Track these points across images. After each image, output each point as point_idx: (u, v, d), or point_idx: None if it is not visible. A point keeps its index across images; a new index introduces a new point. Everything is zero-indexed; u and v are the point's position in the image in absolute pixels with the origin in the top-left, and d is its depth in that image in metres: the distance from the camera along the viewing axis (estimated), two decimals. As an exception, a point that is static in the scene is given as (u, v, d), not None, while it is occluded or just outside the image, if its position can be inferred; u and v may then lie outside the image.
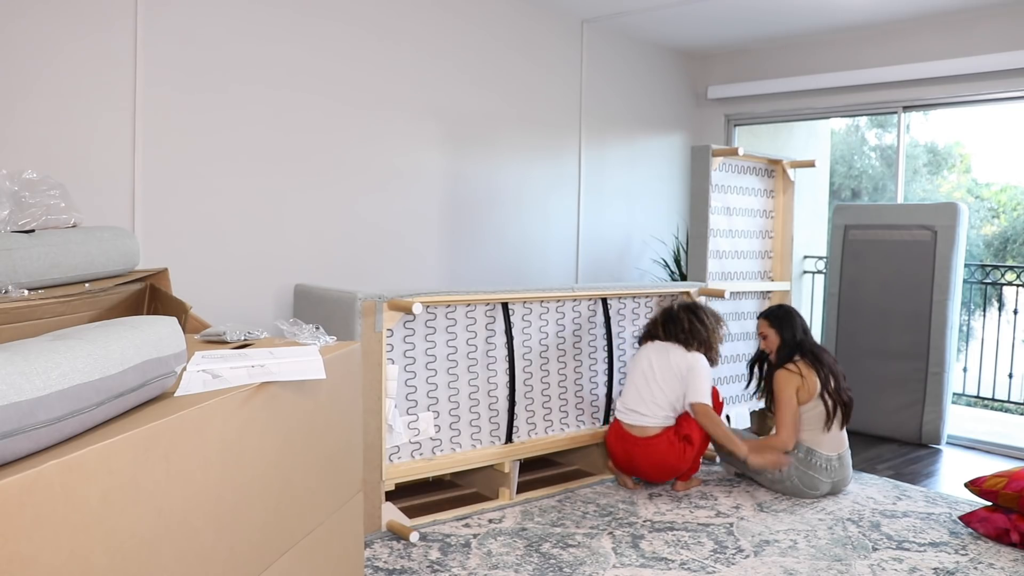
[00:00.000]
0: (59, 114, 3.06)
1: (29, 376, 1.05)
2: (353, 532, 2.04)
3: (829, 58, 5.26)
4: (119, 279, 2.13)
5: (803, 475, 3.43)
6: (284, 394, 1.62)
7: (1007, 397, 5.36)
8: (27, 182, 2.05)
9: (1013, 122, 8.44)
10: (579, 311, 3.71)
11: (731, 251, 4.40)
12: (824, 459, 3.45)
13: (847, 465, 3.54)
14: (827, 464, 3.45)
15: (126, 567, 1.16)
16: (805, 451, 3.45)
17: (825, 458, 3.45)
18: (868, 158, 9.64)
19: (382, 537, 2.95)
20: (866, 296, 4.79)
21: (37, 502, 1.00)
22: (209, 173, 3.48)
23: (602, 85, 5.25)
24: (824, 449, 3.46)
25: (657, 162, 5.71)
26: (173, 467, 1.27)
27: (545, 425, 3.58)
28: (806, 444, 3.46)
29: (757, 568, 2.74)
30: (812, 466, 3.43)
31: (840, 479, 3.50)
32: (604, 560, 2.77)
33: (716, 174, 4.23)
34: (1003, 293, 5.74)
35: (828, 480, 3.46)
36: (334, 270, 3.91)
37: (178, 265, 2.86)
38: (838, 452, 3.49)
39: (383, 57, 4.06)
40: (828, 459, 3.46)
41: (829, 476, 3.46)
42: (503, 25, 4.62)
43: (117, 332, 1.32)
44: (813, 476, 3.43)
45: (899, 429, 4.59)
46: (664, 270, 5.59)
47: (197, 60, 3.40)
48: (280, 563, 1.62)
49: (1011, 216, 8.92)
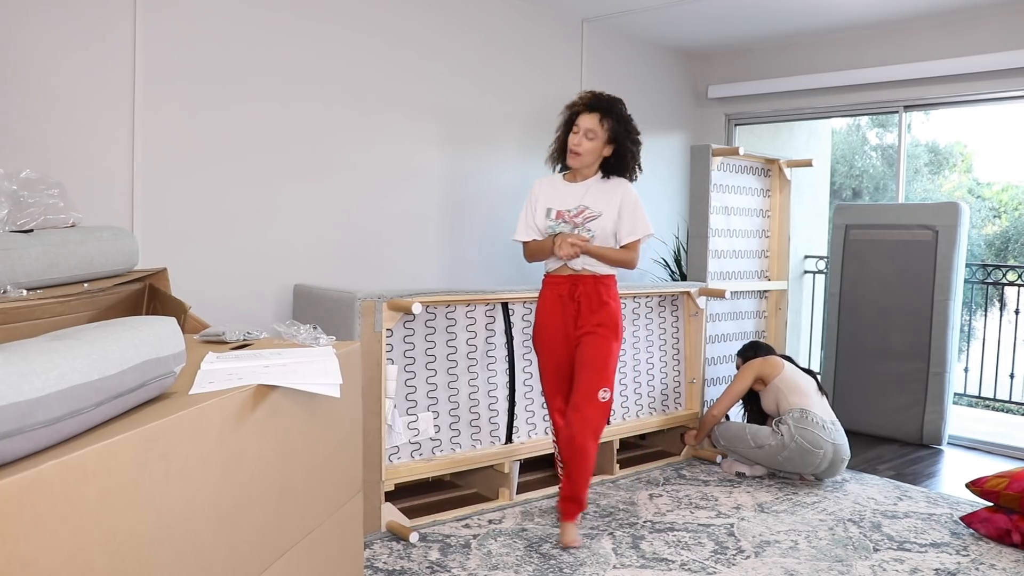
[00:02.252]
0: (58, 114, 3.06)
1: (28, 376, 1.05)
2: (353, 532, 2.04)
3: (829, 58, 5.25)
4: (118, 279, 2.13)
5: (803, 432, 3.51)
6: (283, 394, 1.62)
7: (1008, 397, 5.35)
8: (26, 181, 2.04)
9: (1014, 122, 8.44)
10: (579, 311, 3.70)
11: (729, 251, 4.40)
12: (819, 418, 3.56)
13: (841, 432, 3.65)
14: (823, 424, 3.55)
15: (125, 567, 1.15)
16: (799, 411, 3.57)
17: (820, 418, 3.56)
18: (869, 158, 9.64)
19: (382, 537, 2.94)
20: (867, 296, 4.79)
21: (36, 502, 0.99)
22: (208, 173, 3.48)
23: (602, 85, 5.21)
24: (815, 410, 3.59)
25: (657, 162, 5.70)
26: (172, 467, 1.26)
27: (545, 425, 3.58)
28: (798, 405, 3.60)
29: (758, 569, 2.73)
30: (809, 423, 3.53)
31: (840, 444, 3.59)
32: (604, 561, 2.77)
33: (715, 174, 4.23)
34: (1004, 293, 5.73)
35: (829, 440, 3.54)
36: (333, 270, 3.90)
37: (177, 265, 2.86)
38: (830, 418, 3.63)
39: (383, 58, 4.06)
40: (823, 420, 3.57)
41: (828, 436, 3.54)
42: (503, 25, 4.61)
43: (116, 332, 1.32)
44: (814, 432, 3.51)
45: (900, 429, 4.59)
46: (664, 270, 5.59)
47: (196, 61, 3.40)
48: (280, 563, 1.61)
49: (1012, 216, 8.91)
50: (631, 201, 3.00)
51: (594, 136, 2.92)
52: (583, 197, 2.99)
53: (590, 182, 3.02)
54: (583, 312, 2.99)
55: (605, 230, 2.95)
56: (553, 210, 3.00)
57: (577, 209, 2.97)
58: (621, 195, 2.99)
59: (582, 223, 2.96)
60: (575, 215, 2.96)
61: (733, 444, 3.73)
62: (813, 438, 3.49)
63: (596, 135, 2.92)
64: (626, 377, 3.91)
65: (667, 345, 4.11)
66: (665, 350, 4.10)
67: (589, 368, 2.93)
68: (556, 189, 3.05)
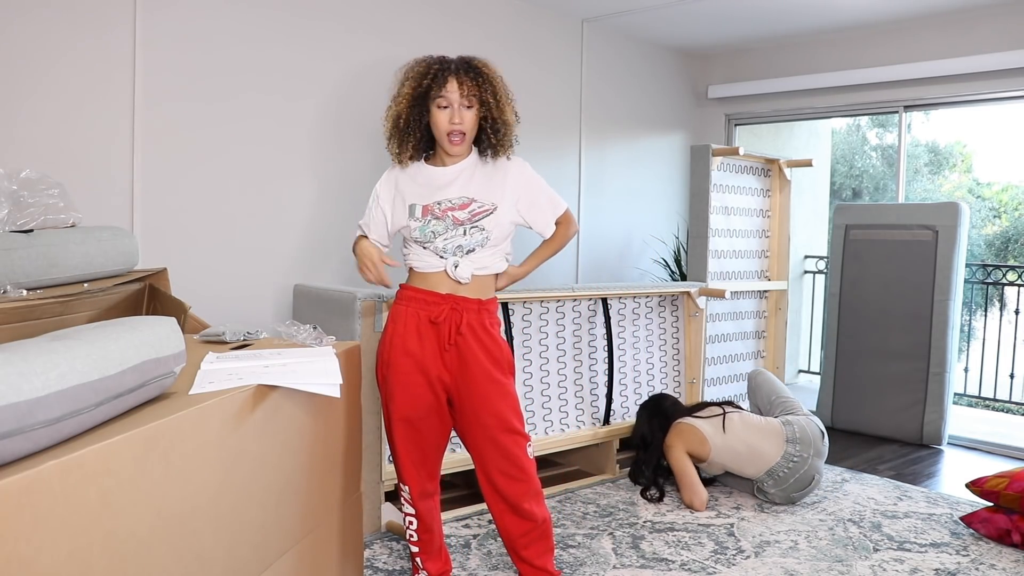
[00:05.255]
0: (58, 114, 3.06)
1: (28, 377, 1.05)
2: (353, 532, 2.04)
3: (829, 58, 5.25)
4: (118, 279, 2.13)
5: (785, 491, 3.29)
6: (283, 394, 1.62)
7: (1008, 397, 5.35)
8: (26, 181, 2.04)
9: (1014, 121, 8.44)
10: (579, 311, 3.70)
11: (729, 251, 4.40)
12: (783, 464, 3.25)
13: (804, 428, 3.31)
14: (789, 462, 3.25)
15: (125, 567, 1.15)
16: (766, 475, 3.28)
17: (782, 463, 3.25)
18: (869, 158, 9.64)
19: (382, 537, 2.94)
20: (867, 296, 4.79)
21: (36, 503, 0.99)
22: (208, 173, 3.48)
23: (602, 85, 5.24)
24: (773, 461, 3.26)
25: (657, 162, 5.71)
26: (172, 467, 1.26)
27: (545, 425, 3.58)
28: (762, 470, 3.28)
29: (758, 569, 2.73)
30: (791, 471, 3.26)
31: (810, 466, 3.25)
32: (604, 561, 2.77)
33: (715, 174, 4.23)
34: (1004, 293, 5.73)
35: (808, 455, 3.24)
36: (334, 270, 3.90)
37: (177, 265, 2.86)
38: (775, 460, 3.27)
39: (382, 58, 4.06)
40: (786, 459, 3.25)
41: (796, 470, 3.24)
42: (503, 25, 4.61)
43: (116, 332, 1.32)
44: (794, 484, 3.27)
45: (900, 429, 4.59)
46: (664, 270, 5.59)
47: (196, 61, 3.40)
48: (280, 563, 1.61)
49: (1012, 216, 8.91)
50: (529, 181, 2.34)
51: (470, 105, 2.24)
52: (465, 186, 2.26)
53: (465, 164, 2.29)
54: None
55: (503, 228, 2.27)
56: (418, 206, 2.25)
57: (460, 202, 2.25)
58: (513, 179, 2.31)
59: (469, 221, 2.23)
60: (456, 208, 2.23)
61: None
62: (797, 485, 3.28)
63: (472, 104, 2.24)
64: (626, 377, 3.91)
65: (667, 345, 4.11)
66: (665, 350, 4.10)
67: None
68: (421, 175, 2.30)
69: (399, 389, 2.23)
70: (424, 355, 2.22)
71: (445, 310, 2.21)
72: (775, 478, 3.28)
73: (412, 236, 2.25)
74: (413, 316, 2.23)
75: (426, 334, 2.22)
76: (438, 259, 2.24)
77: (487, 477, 2.28)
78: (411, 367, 2.22)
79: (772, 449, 3.29)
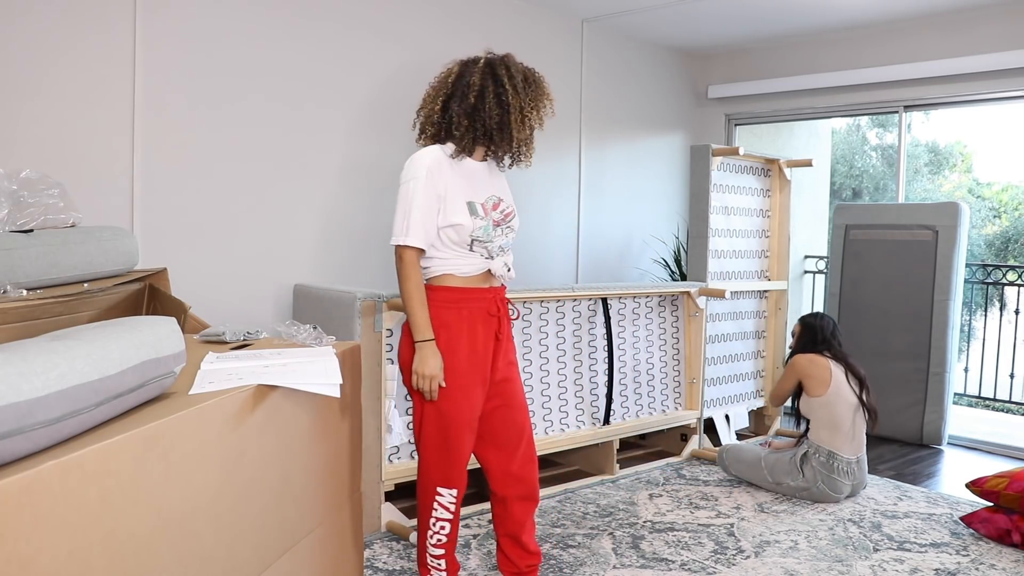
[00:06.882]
0: (59, 114, 3.06)
1: (28, 377, 1.05)
2: (353, 532, 2.04)
3: (829, 58, 5.25)
4: (118, 279, 2.13)
5: (827, 479, 3.40)
6: (283, 394, 1.62)
7: (1008, 397, 5.34)
8: (26, 181, 2.04)
9: (1014, 121, 8.44)
10: (579, 311, 3.70)
11: (729, 251, 4.40)
12: (844, 462, 3.41)
13: (864, 468, 3.53)
14: (847, 468, 3.41)
15: (125, 567, 1.15)
16: (826, 455, 3.41)
17: (845, 461, 3.41)
18: (869, 158, 9.64)
19: (382, 537, 2.94)
20: (867, 296, 4.79)
21: (36, 503, 0.99)
22: (208, 173, 3.48)
23: (602, 85, 5.24)
24: (844, 452, 3.42)
25: (657, 162, 5.70)
26: (172, 467, 1.26)
27: (545, 425, 3.58)
28: (826, 447, 3.41)
29: (758, 569, 2.73)
30: (834, 470, 3.40)
31: (859, 482, 3.49)
32: (604, 561, 2.77)
33: (715, 174, 4.22)
34: (1004, 293, 5.73)
35: (849, 483, 3.44)
36: (334, 270, 3.90)
37: (177, 265, 2.86)
38: (856, 455, 3.46)
39: (382, 58, 4.06)
40: (848, 462, 3.42)
41: (850, 479, 3.43)
42: (503, 25, 4.61)
43: (116, 332, 1.32)
44: (836, 480, 3.40)
45: (900, 429, 4.59)
46: (664, 270, 5.59)
47: (196, 61, 3.40)
48: (280, 563, 1.61)
49: (1012, 216, 8.91)
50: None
51: None
52: (493, 185, 2.20)
53: (490, 162, 2.23)
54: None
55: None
56: (477, 203, 2.11)
57: (493, 201, 2.16)
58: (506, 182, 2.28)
59: (503, 221, 2.15)
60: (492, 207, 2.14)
61: (747, 474, 3.61)
62: (835, 485, 3.40)
63: None
64: (626, 377, 3.91)
65: (667, 345, 4.11)
66: (665, 350, 4.10)
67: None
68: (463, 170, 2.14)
69: (462, 395, 2.11)
70: (485, 354, 2.14)
71: (495, 302, 2.16)
72: (862, 469, 3.51)
73: (473, 235, 2.07)
74: (467, 318, 2.11)
75: (481, 332, 2.13)
76: (482, 259, 2.13)
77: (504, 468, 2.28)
78: (473, 370, 2.12)
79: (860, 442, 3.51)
